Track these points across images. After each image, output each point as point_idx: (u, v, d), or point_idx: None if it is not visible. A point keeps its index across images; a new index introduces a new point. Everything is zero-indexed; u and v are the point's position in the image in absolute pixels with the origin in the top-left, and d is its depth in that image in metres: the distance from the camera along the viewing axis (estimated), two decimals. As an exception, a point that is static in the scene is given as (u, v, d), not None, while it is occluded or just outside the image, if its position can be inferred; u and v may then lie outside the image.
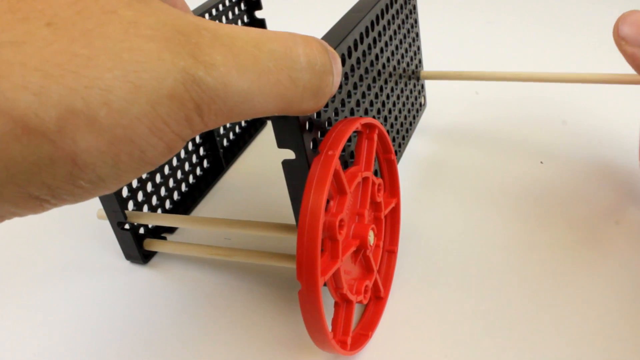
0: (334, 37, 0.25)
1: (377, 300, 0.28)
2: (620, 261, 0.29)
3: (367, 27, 0.29)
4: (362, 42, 0.28)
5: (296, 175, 0.23)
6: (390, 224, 0.30)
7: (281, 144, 0.23)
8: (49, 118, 0.13)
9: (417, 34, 0.39)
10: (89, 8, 0.14)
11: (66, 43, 0.13)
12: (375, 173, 0.30)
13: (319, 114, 0.24)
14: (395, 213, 0.29)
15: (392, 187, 0.29)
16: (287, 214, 0.29)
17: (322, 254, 0.22)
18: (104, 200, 0.29)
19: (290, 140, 0.22)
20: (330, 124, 0.25)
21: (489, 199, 0.35)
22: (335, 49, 0.24)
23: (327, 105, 0.25)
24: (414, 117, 0.39)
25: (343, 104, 0.27)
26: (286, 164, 0.23)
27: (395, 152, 0.35)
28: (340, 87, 0.26)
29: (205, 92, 0.15)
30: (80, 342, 0.28)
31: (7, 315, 0.30)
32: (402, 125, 0.36)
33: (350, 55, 0.27)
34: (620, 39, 0.27)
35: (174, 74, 0.15)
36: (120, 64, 0.14)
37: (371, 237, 0.25)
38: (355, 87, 0.28)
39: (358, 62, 0.28)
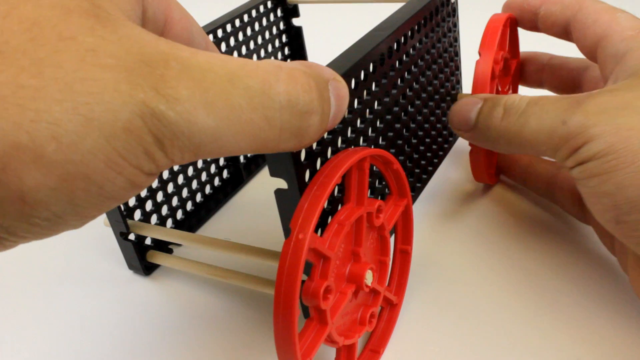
0: (345, 60, 0.23)
1: (390, 307, 0.27)
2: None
3: (390, 48, 0.26)
4: (382, 64, 0.26)
5: (288, 206, 0.22)
6: (402, 224, 0.28)
7: (273, 172, 0.21)
8: None
9: (457, 53, 0.36)
10: (44, 34, 0.13)
11: (13, 73, 0.12)
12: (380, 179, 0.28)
13: (320, 142, 0.22)
14: (407, 213, 0.27)
15: (401, 190, 0.26)
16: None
17: (310, 323, 0.21)
18: (108, 208, 0.29)
19: (282, 170, 0.21)
20: (335, 151, 0.23)
21: (516, 227, 0.33)
22: (344, 73, 0.23)
23: (332, 132, 0.23)
24: (447, 142, 0.36)
25: (354, 131, 0.25)
26: (278, 193, 0.21)
27: (422, 176, 0.33)
28: (352, 111, 0.24)
29: (167, 126, 0.14)
30: (68, 351, 0.27)
31: (6, 320, 0.30)
32: (430, 149, 0.34)
33: (366, 78, 0.25)
34: (455, 130, 0.29)
35: (131, 106, 0.13)
36: (70, 96, 0.13)
37: (369, 278, 0.23)
38: (371, 111, 0.26)
39: (377, 84, 0.26)
